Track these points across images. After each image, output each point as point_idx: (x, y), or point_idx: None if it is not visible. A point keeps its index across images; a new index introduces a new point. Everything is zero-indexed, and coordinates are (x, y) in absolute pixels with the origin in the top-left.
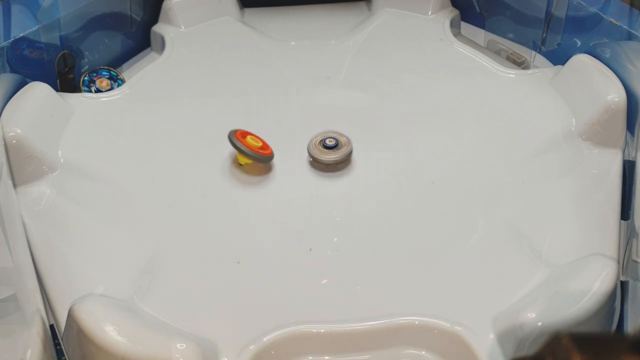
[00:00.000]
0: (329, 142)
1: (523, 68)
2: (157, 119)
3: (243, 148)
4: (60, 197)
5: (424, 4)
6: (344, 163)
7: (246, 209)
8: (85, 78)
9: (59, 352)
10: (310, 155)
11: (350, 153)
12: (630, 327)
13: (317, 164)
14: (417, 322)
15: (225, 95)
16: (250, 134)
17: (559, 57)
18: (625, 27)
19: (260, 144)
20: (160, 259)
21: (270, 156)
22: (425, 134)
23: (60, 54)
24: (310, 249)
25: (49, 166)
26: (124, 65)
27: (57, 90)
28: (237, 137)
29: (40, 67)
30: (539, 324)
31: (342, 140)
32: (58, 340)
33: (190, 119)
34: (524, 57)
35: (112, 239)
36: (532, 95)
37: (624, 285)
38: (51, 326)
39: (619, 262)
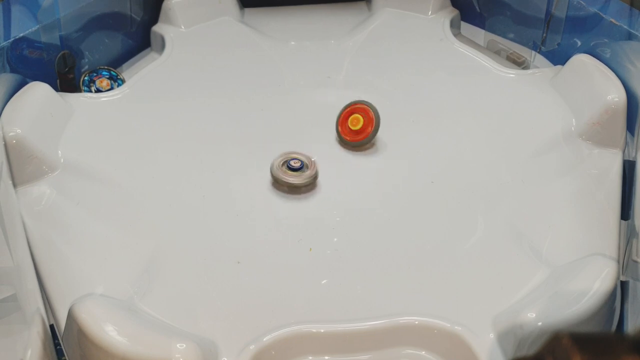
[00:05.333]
0: (294, 164)
1: (523, 68)
2: (157, 119)
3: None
4: (60, 197)
5: (424, 4)
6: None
7: (246, 209)
8: (85, 78)
9: (59, 352)
10: (273, 176)
11: (315, 176)
12: (630, 327)
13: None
14: (417, 322)
15: (225, 95)
16: (345, 120)
17: (559, 57)
18: (625, 27)
19: (360, 122)
20: (160, 259)
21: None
22: (425, 134)
23: (60, 54)
24: (310, 249)
25: (49, 166)
26: (124, 65)
27: (57, 90)
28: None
29: (40, 67)
30: (539, 324)
31: (307, 162)
32: (58, 340)
33: (190, 119)
34: (524, 57)
35: (112, 238)
36: (532, 96)
37: (624, 285)
38: (51, 326)
39: (619, 262)
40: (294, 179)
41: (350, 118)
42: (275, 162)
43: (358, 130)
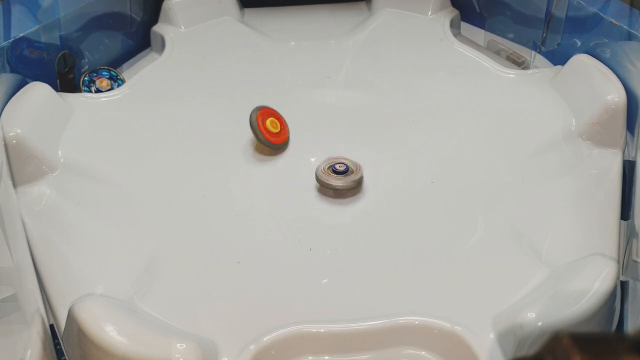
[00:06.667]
0: (339, 168)
1: (523, 68)
2: (157, 119)
3: (259, 135)
4: (60, 197)
5: (424, 4)
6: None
7: (246, 209)
8: (85, 78)
9: (59, 352)
10: (319, 181)
11: (360, 179)
12: (630, 327)
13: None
14: (417, 322)
15: (225, 95)
16: (274, 115)
17: (559, 57)
18: (625, 27)
19: (278, 128)
20: (160, 259)
21: (284, 144)
22: (425, 134)
23: (60, 54)
24: (310, 249)
25: (49, 166)
26: (124, 65)
27: (57, 90)
28: (257, 119)
29: (40, 67)
30: (539, 324)
31: (352, 166)
32: (58, 340)
33: (190, 119)
34: (524, 57)
35: (112, 238)
36: (532, 96)
37: (624, 285)
38: (51, 326)
39: (619, 262)
40: (338, 182)
41: (267, 121)
42: (320, 167)
43: (277, 133)
